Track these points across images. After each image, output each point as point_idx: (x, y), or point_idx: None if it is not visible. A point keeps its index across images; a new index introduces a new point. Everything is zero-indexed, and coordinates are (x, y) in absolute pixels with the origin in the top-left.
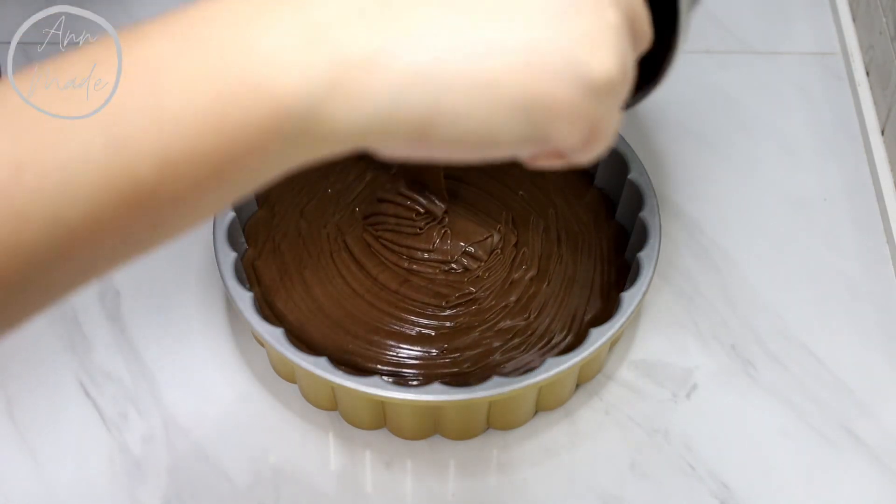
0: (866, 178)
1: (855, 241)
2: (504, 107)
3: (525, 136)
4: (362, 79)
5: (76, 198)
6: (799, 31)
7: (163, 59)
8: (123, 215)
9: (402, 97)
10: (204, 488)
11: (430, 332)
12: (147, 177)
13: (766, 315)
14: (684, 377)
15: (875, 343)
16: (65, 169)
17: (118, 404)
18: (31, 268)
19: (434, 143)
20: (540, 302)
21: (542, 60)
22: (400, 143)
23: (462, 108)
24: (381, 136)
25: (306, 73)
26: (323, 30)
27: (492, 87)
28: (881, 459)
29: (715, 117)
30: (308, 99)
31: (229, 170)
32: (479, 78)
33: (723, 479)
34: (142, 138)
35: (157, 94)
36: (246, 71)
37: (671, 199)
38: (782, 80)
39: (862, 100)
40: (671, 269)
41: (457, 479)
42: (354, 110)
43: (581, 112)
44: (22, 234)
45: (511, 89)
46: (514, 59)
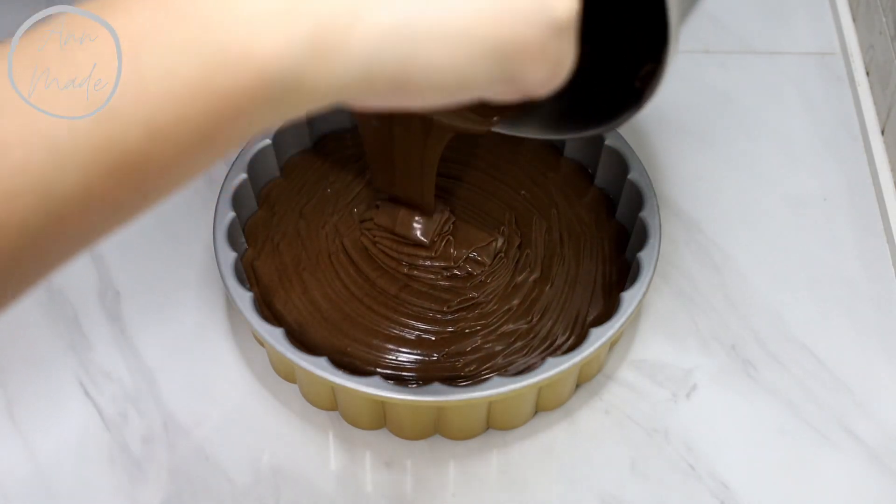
0: (866, 178)
1: (855, 241)
2: (478, 53)
3: (497, 77)
4: (341, 38)
5: (65, 171)
6: (799, 30)
7: (144, 31)
8: (113, 184)
9: (380, 52)
10: (204, 488)
11: (430, 337)
12: (135, 146)
13: (765, 315)
14: (684, 377)
15: (874, 343)
16: (52, 143)
17: (118, 404)
18: (23, 242)
19: (411, 93)
20: (543, 304)
21: (512, 5)
22: (379, 95)
23: (437, 57)
24: (361, 90)
25: (287, 38)
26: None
27: (465, 36)
28: (881, 459)
29: (715, 117)
30: (291, 62)
31: (216, 133)
32: (452, 28)
33: (722, 478)
34: (128, 108)
35: (140, 66)
36: (228, 38)
37: (671, 199)
38: (782, 80)
39: (862, 100)
40: (671, 269)
41: (457, 479)
42: (336, 69)
43: (548, 50)
44: (12, 211)
45: (484, 36)
46: (485, 6)
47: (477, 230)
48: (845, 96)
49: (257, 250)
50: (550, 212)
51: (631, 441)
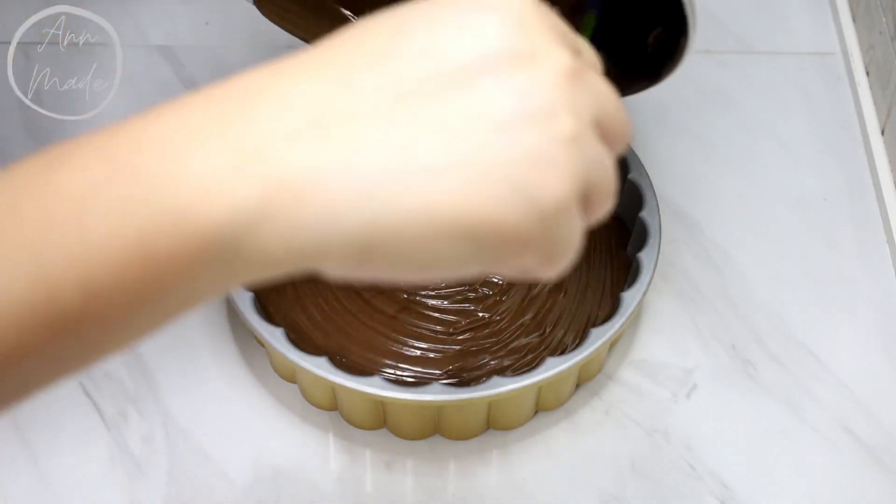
0: (866, 178)
1: (855, 241)
2: (445, 231)
3: (471, 260)
4: (294, 204)
5: (2, 326)
6: (799, 30)
7: (88, 188)
8: (50, 340)
9: (336, 221)
10: (204, 488)
11: (433, 356)
12: (72, 305)
13: (766, 315)
14: (684, 377)
15: (875, 343)
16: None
17: (118, 404)
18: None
19: (375, 267)
20: (556, 315)
21: (485, 182)
22: (339, 266)
23: (400, 231)
24: (317, 259)
25: (235, 201)
26: (252, 154)
27: (432, 213)
28: (881, 459)
29: (715, 117)
30: (238, 226)
31: (157, 295)
32: (416, 201)
33: (723, 478)
34: (66, 268)
35: (81, 225)
36: (172, 200)
37: (671, 199)
38: (782, 80)
39: (862, 100)
40: (671, 269)
41: (457, 479)
42: (286, 236)
43: (531, 237)
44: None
45: (451, 213)
46: (453, 180)
47: None
48: (845, 96)
49: None
50: None
51: (631, 441)
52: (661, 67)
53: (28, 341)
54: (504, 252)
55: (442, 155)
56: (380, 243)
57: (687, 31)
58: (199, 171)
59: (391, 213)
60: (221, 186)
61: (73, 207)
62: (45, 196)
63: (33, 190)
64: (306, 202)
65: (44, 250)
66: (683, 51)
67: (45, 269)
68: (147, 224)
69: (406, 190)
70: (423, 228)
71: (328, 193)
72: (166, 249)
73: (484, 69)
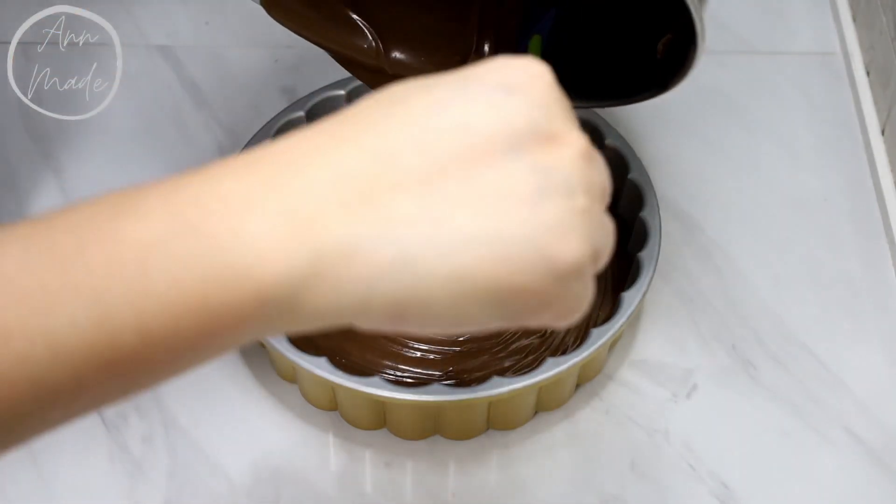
0: (867, 179)
1: (855, 241)
2: (474, 296)
3: (498, 318)
4: (341, 269)
5: (61, 363)
6: (799, 30)
7: (153, 241)
8: (103, 378)
9: (379, 286)
10: (203, 488)
11: (433, 357)
12: (128, 347)
13: (766, 315)
14: (684, 377)
15: (875, 343)
16: (52, 336)
17: (118, 405)
18: (11, 422)
19: (407, 323)
20: None
21: (514, 254)
22: (375, 323)
23: (434, 296)
24: (356, 316)
25: (289, 263)
26: (306, 221)
27: (463, 280)
28: (882, 459)
29: (715, 117)
30: (289, 287)
31: (207, 343)
32: (451, 271)
33: (723, 479)
34: (126, 313)
35: (144, 274)
36: (231, 257)
37: (671, 199)
38: (782, 80)
39: (862, 100)
40: (671, 269)
41: (457, 480)
42: (332, 296)
43: (551, 297)
44: (4, 396)
45: (482, 282)
46: (486, 252)
47: None
48: (846, 96)
49: None
50: None
51: (631, 441)
52: (670, 76)
53: (83, 377)
54: (527, 312)
55: (474, 228)
56: (414, 306)
57: (696, 39)
58: (257, 233)
59: (427, 280)
60: (277, 248)
61: (137, 257)
62: (112, 243)
63: (100, 235)
64: (353, 268)
65: (107, 294)
66: (694, 58)
67: (108, 313)
68: (207, 279)
69: (441, 259)
70: (455, 294)
71: (372, 260)
72: (223, 304)
73: (511, 147)
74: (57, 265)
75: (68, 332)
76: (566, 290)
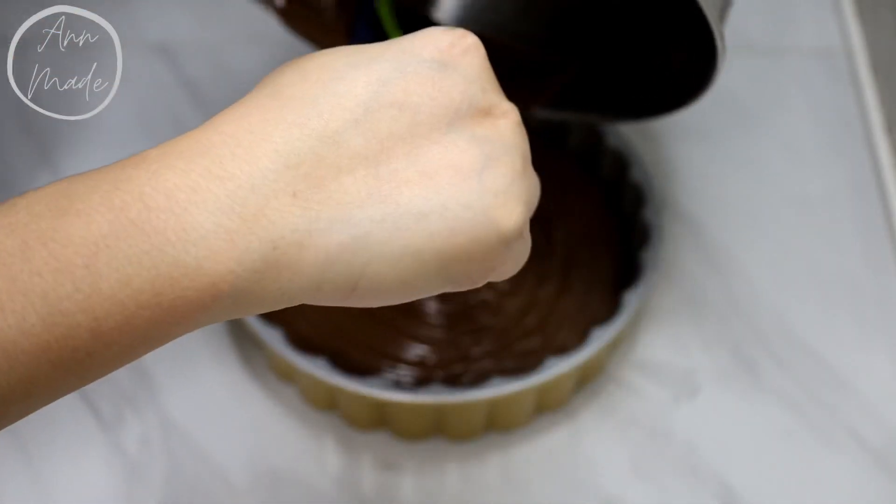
0: (870, 177)
1: (859, 241)
2: (426, 270)
3: (444, 287)
4: (294, 257)
5: (11, 367)
6: (802, 27)
7: (98, 240)
8: (56, 377)
9: (332, 269)
10: (201, 490)
11: (433, 358)
12: (81, 346)
13: (769, 316)
14: (687, 378)
15: (879, 344)
16: (4, 345)
17: (114, 405)
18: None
19: (361, 299)
20: (558, 317)
21: (464, 224)
22: (326, 301)
23: (386, 273)
24: (308, 298)
25: (241, 256)
26: (255, 212)
27: (416, 255)
28: (886, 461)
29: (717, 115)
30: (243, 279)
31: (162, 333)
32: (404, 247)
33: (725, 481)
34: (77, 313)
35: (92, 273)
36: (181, 254)
37: (673, 199)
38: (786, 78)
39: (866, 97)
40: (673, 269)
41: (457, 481)
42: (286, 284)
43: (498, 261)
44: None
45: (434, 254)
46: (437, 226)
47: None
48: (850, 94)
49: None
50: (564, 217)
51: (633, 443)
52: (685, 91)
53: (36, 376)
54: (476, 276)
55: (423, 203)
56: (366, 283)
57: (716, 56)
58: (206, 229)
59: (380, 258)
60: (228, 243)
61: (84, 257)
62: (57, 245)
63: (42, 236)
64: (306, 255)
65: (56, 296)
66: (713, 75)
67: (59, 314)
68: (158, 276)
69: (393, 237)
70: (407, 269)
71: (325, 245)
72: (176, 299)
73: (451, 122)
74: (3, 268)
75: (19, 333)
76: (510, 252)
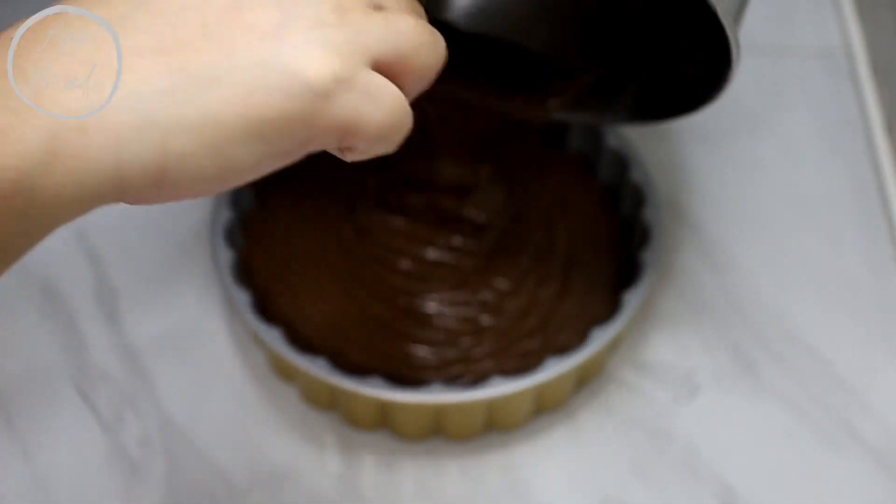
0: (870, 177)
1: (859, 241)
2: (232, 138)
3: (266, 156)
4: (78, 140)
5: None
6: (802, 27)
7: None
8: None
9: (126, 151)
10: (202, 491)
11: (433, 358)
12: None
13: (769, 315)
14: (686, 378)
15: (880, 344)
16: None
17: (114, 406)
18: None
19: (173, 187)
20: (559, 318)
21: (258, 82)
22: (141, 194)
23: (190, 148)
24: (116, 191)
25: (21, 149)
26: (33, 101)
27: (216, 123)
28: (886, 461)
29: (717, 115)
30: (29, 171)
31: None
32: (199, 116)
33: (725, 480)
34: None
35: None
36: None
37: (673, 199)
38: (785, 78)
39: (866, 97)
40: (673, 269)
41: (457, 481)
42: (79, 174)
43: (316, 115)
44: None
45: (234, 119)
46: (229, 89)
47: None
48: (850, 94)
49: (255, 249)
50: (566, 217)
51: (633, 443)
52: (701, 96)
53: None
54: (295, 138)
55: (214, 68)
56: (172, 164)
57: (731, 61)
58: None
59: (176, 131)
60: (6, 134)
61: None
62: None
63: None
64: (91, 138)
65: None
66: (727, 80)
67: None
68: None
69: (187, 106)
70: (210, 140)
71: (110, 125)
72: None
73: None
74: None
75: None
76: (334, 104)
